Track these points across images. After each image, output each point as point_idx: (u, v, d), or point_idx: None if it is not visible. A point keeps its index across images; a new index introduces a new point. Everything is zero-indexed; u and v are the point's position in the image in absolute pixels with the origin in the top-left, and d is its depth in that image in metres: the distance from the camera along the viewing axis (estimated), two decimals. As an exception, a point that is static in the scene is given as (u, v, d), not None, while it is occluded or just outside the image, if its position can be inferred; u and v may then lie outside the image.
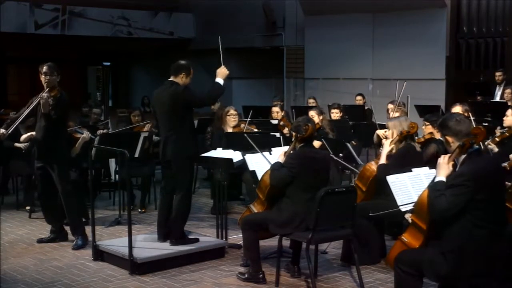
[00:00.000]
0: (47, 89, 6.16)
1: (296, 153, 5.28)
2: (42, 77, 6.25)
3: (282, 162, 5.31)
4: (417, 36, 12.96)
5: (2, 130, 6.26)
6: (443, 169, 3.99)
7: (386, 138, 5.88)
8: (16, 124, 6.26)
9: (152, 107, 6.43)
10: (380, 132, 7.26)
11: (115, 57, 19.90)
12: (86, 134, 7.46)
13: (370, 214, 5.47)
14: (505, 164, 5.25)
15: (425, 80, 12.40)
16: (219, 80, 5.97)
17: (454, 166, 4.02)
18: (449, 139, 3.99)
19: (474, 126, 4.06)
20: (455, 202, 3.80)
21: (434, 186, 3.97)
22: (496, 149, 5.63)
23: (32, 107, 6.22)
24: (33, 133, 6.60)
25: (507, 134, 6.27)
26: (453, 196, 3.80)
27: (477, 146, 4.00)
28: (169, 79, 5.97)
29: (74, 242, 6.43)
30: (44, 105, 6.07)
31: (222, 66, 6.01)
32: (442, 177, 3.97)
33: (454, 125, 3.97)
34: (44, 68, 6.25)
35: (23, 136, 7.18)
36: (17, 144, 7.68)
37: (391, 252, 4.34)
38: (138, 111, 9.12)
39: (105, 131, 7.75)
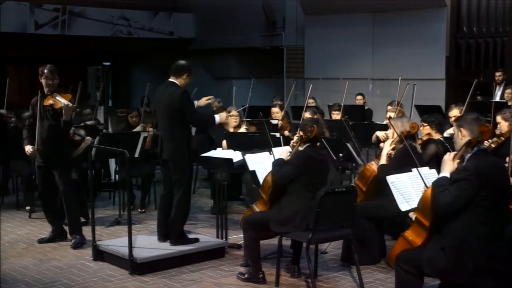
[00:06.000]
0: (56, 95, 6.19)
1: (302, 152, 5.30)
2: (43, 80, 6.28)
3: (285, 159, 5.34)
4: (417, 36, 12.95)
5: (31, 148, 6.39)
6: (448, 165, 4.03)
7: (386, 139, 5.89)
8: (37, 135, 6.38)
9: (153, 107, 6.48)
10: (380, 133, 7.25)
11: (115, 57, 19.87)
12: (88, 139, 7.44)
13: None
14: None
15: (425, 80, 12.39)
16: (217, 117, 6.12)
17: (459, 164, 4.05)
18: (463, 131, 4.04)
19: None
20: (458, 196, 3.82)
21: (437, 182, 4.00)
22: None
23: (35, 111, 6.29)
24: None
25: (503, 138, 6.20)
26: (456, 190, 3.83)
27: (484, 146, 4.03)
28: (170, 80, 5.97)
29: (72, 241, 6.45)
30: (67, 112, 6.16)
31: (227, 115, 6.29)
32: (446, 173, 3.99)
33: (472, 121, 4.05)
34: (46, 72, 6.28)
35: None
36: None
37: (393, 250, 4.35)
38: (136, 112, 9.07)
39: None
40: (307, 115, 7.79)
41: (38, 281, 5.47)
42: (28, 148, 6.43)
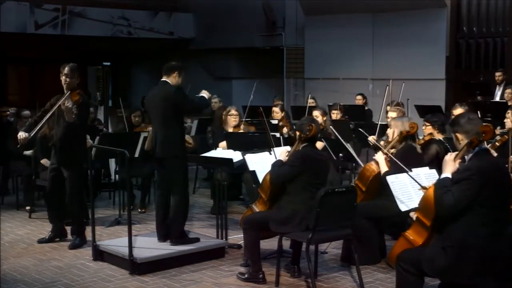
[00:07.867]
0: (68, 94, 6.12)
1: (299, 152, 5.30)
2: (63, 78, 6.26)
3: (284, 160, 5.34)
4: (417, 36, 12.96)
5: (24, 134, 6.21)
6: (449, 166, 4.01)
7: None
8: (38, 128, 6.23)
9: (145, 107, 6.48)
10: (371, 139, 7.19)
11: (115, 57, 19.89)
12: (88, 142, 7.42)
13: None
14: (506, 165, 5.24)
15: (425, 80, 12.39)
16: (204, 94, 6.17)
17: (461, 164, 4.04)
18: (459, 136, 4.01)
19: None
20: (461, 197, 3.81)
21: (440, 183, 3.98)
22: (495, 154, 5.61)
23: (52, 111, 6.21)
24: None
25: (506, 137, 6.18)
26: (459, 191, 3.82)
27: (485, 146, 4.02)
28: (162, 79, 6.02)
29: (71, 241, 6.45)
30: (68, 114, 6.08)
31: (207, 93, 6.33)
32: (448, 174, 3.98)
33: (465, 123, 4.00)
34: (66, 70, 6.25)
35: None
36: (26, 152, 7.73)
37: (393, 249, 4.34)
38: (139, 111, 9.08)
39: None
40: (317, 114, 7.74)
41: (38, 281, 5.47)
42: (21, 133, 6.20)
